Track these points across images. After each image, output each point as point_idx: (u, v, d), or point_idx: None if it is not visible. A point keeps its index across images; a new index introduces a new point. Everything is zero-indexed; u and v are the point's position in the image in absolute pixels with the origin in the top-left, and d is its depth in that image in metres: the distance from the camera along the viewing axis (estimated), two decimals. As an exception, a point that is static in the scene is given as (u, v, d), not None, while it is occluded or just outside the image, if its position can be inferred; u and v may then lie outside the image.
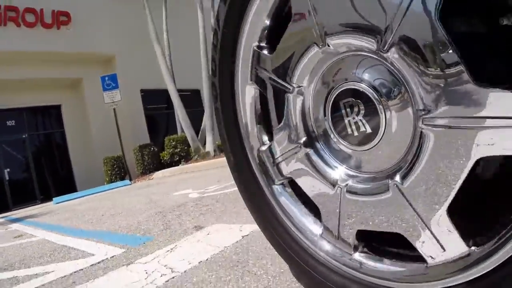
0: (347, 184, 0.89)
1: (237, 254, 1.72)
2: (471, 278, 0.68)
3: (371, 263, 0.88)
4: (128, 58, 15.26)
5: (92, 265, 2.13)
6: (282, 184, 1.10)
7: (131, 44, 15.21)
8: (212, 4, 13.58)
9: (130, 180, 12.03)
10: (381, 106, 0.76)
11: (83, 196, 9.92)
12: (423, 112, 0.68)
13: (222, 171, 7.29)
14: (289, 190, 1.10)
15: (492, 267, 0.65)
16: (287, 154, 1.02)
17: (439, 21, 0.60)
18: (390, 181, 0.78)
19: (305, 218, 1.05)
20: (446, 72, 0.62)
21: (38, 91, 14.05)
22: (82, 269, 2.08)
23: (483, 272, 0.66)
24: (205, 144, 11.99)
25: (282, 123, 1.01)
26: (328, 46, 0.81)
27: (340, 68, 0.85)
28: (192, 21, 12.60)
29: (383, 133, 0.78)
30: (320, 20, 0.80)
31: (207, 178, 6.39)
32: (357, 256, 0.91)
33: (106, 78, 13.05)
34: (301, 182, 1.01)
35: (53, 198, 10.34)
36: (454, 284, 0.71)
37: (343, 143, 0.89)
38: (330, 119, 0.90)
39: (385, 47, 0.69)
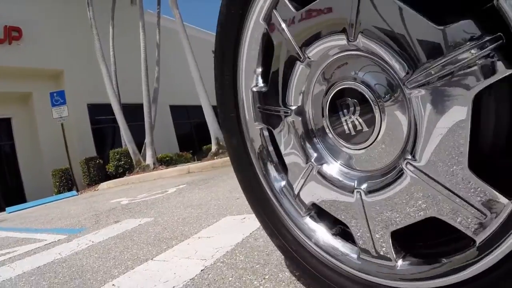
0: (364, 187, 0.87)
1: (130, 233, 3.11)
2: None
3: (418, 268, 0.81)
4: (76, 74, 16.02)
5: (45, 244, 3.44)
6: (309, 215, 1.07)
7: (79, 60, 16.03)
8: (158, 22, 14.69)
9: (77, 191, 12.81)
10: (372, 98, 0.78)
11: (33, 206, 10.66)
12: (405, 78, 0.68)
13: (155, 182, 8.70)
14: (319, 221, 1.07)
15: None
16: (303, 179, 1.02)
17: None
18: (402, 163, 0.75)
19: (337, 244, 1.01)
20: (409, 28, 0.65)
21: (-12, 104, 14.51)
22: (39, 247, 3.38)
23: None
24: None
25: (290, 149, 1.04)
26: (309, 58, 0.87)
27: (326, 74, 0.89)
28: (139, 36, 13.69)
29: (381, 121, 0.79)
30: (294, 36, 0.87)
31: (142, 189, 7.75)
32: (401, 265, 0.83)
33: (55, 94, 13.66)
34: (324, 204, 0.99)
35: (6, 208, 11.02)
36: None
37: (348, 146, 0.90)
38: (329, 124, 0.93)
39: (353, 36, 0.74)
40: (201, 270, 1.73)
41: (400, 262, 0.84)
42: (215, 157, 10.74)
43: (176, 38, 13.00)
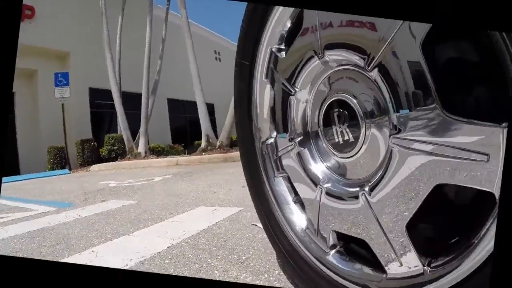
0: (327, 187, 0.96)
1: (114, 211, 3.48)
2: None
3: (344, 264, 0.92)
4: (81, 57, 16.16)
5: (36, 214, 3.80)
6: (281, 177, 1.16)
7: (86, 45, 16.16)
8: (166, 18, 15.02)
9: (70, 169, 13.06)
10: (361, 116, 0.82)
11: (27, 179, 10.85)
12: (394, 131, 0.72)
13: (144, 170, 9.08)
14: (286, 183, 1.16)
15: None
16: (283, 152, 1.11)
17: (422, 51, 0.64)
18: (360, 191, 0.83)
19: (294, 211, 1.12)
20: (419, 99, 0.66)
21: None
22: (30, 215, 3.74)
23: None
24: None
25: (285, 122, 1.10)
26: (326, 57, 0.90)
27: (333, 79, 0.93)
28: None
29: (362, 144, 0.84)
30: (322, 35, 0.88)
31: (131, 174, 8.13)
32: (332, 254, 0.95)
33: (59, 75, 13.88)
34: (293, 178, 1.10)
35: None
36: None
37: (330, 149, 0.97)
38: (321, 124, 0.99)
39: (370, 67, 0.75)
40: (168, 247, 2.08)
41: (332, 252, 0.96)
42: (204, 153, 11.07)
43: (180, 34, 13.32)
